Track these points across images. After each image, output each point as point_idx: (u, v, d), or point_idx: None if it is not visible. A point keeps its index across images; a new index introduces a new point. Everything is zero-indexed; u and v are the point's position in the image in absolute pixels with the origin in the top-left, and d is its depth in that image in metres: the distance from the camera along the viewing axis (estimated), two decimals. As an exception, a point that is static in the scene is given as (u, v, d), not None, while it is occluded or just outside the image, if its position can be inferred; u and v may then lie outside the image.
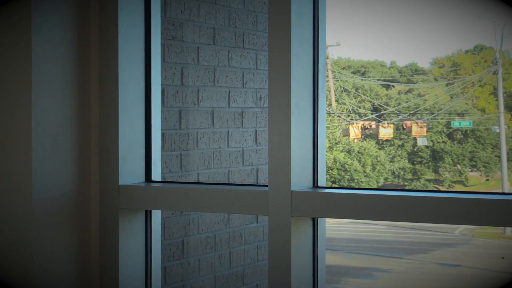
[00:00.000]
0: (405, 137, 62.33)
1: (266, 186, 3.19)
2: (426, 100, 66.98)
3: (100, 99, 3.49)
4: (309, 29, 3.23)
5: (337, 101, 65.36)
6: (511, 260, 34.08)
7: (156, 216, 3.61)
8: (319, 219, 3.23)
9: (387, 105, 65.84)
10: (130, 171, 3.50)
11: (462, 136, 67.68)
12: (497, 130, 49.93)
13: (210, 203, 3.36)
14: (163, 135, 4.29)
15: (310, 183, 3.24)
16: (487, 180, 70.08)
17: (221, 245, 4.79)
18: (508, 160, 54.46)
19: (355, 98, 68.60)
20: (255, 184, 5.07)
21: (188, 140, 4.56)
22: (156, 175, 3.62)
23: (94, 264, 3.49)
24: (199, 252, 4.64)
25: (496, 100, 56.58)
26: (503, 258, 34.84)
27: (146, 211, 3.55)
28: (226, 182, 4.85)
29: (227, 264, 4.83)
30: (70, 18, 3.36)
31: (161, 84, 3.99)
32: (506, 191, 44.92)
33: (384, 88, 74.32)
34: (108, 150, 3.47)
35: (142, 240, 3.55)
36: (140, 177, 3.56)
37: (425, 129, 53.48)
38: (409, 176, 65.28)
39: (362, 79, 73.57)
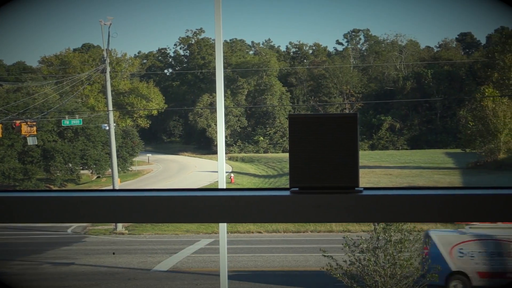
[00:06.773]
0: (15, 136, 61.23)
1: None
2: (36, 99, 66.37)
3: None
4: None
5: None
6: (121, 255, 35.00)
7: None
8: None
9: (-4, 104, 64.25)
10: None
11: (73, 135, 68.02)
12: (107, 128, 50.80)
13: None
14: None
15: None
16: (99, 177, 71.16)
17: None
18: (117, 156, 55.65)
19: (-41, 97, 66.07)
20: None
21: None
22: None
23: None
24: None
25: (105, 98, 57.57)
26: (113, 253, 35.66)
27: None
28: None
29: None
30: None
31: None
32: (116, 187, 46.02)
33: (-9, 87, 72.48)
34: None
35: None
36: None
37: (35, 128, 52.87)
38: (20, 176, 64.24)
39: (-33, 77, 71.11)
